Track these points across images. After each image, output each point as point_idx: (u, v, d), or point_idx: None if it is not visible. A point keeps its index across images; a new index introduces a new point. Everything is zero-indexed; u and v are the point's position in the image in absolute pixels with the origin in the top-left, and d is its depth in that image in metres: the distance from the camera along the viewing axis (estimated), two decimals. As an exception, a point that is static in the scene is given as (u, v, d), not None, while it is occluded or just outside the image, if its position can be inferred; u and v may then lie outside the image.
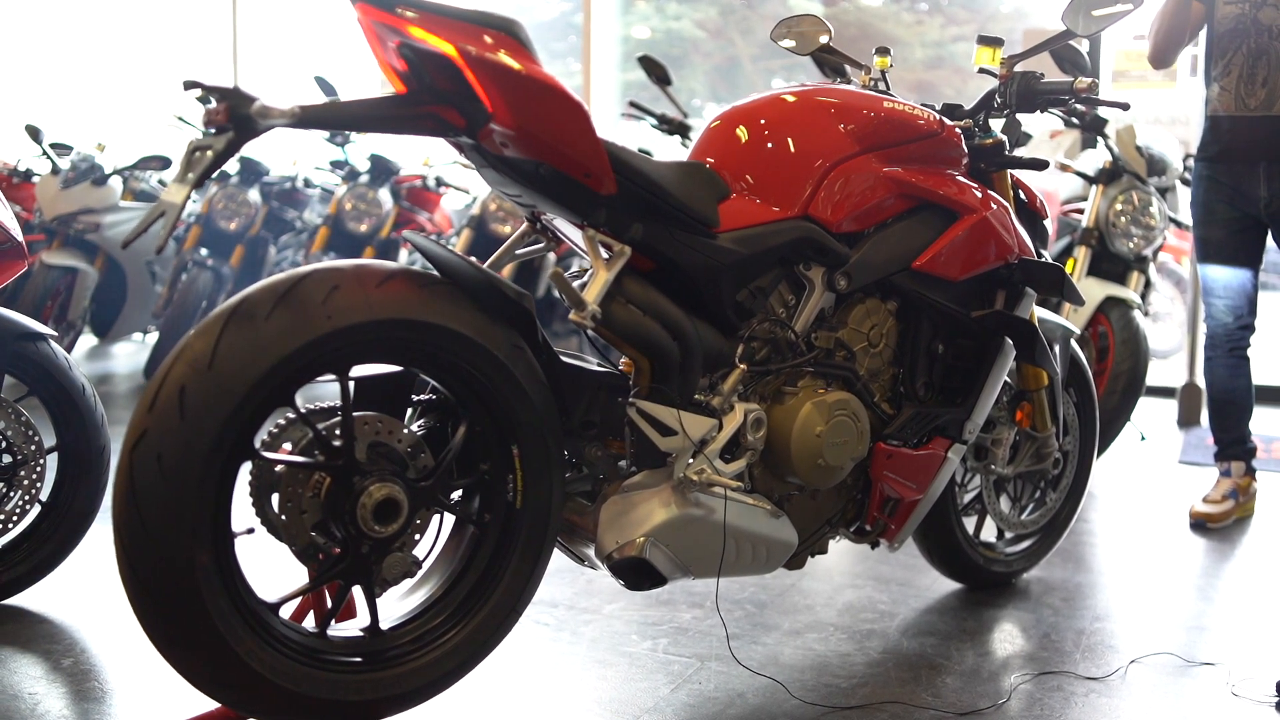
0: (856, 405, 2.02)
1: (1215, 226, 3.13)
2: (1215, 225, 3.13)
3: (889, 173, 2.03)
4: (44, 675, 2.02)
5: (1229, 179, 3.07)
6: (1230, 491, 3.22)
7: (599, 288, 1.74)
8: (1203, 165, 3.15)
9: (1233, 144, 3.05)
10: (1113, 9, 2.14)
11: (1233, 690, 2.05)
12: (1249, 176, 3.03)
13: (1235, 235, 3.12)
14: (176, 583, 1.45)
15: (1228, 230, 3.12)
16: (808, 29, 2.44)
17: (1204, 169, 3.14)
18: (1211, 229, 3.15)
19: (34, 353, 2.30)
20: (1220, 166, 3.09)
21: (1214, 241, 3.15)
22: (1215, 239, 3.14)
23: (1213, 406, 3.31)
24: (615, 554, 1.80)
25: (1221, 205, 3.11)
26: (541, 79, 1.59)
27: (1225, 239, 3.13)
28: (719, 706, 1.94)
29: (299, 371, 1.52)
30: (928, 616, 2.41)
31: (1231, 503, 3.21)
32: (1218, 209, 3.12)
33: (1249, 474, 3.28)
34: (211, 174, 1.47)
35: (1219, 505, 3.18)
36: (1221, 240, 3.13)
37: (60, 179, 5.20)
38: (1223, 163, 3.09)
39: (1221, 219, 3.12)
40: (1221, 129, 3.08)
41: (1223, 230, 3.12)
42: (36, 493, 2.33)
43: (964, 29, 7.64)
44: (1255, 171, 3.02)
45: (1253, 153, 3.02)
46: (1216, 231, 3.14)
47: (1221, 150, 3.08)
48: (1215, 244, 3.15)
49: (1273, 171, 3.00)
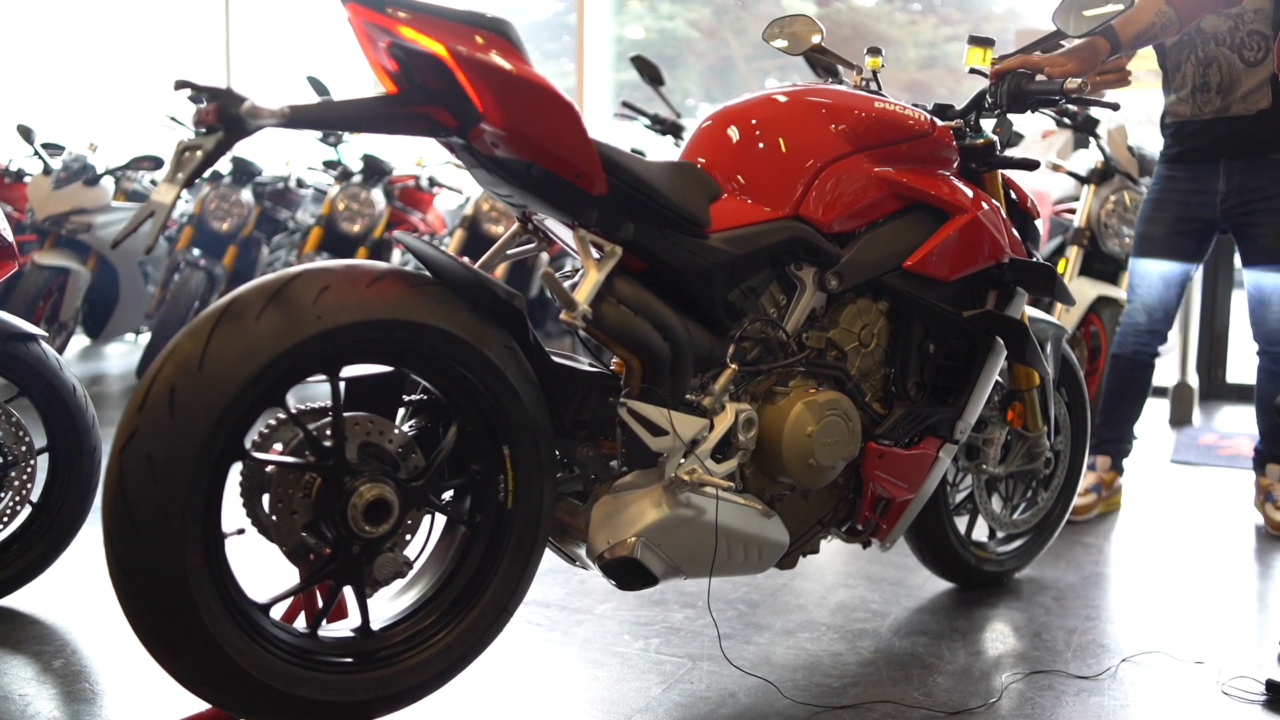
0: (848, 405, 2.02)
1: (1158, 224, 3.16)
2: (1159, 223, 3.16)
3: (880, 173, 2.03)
4: (35, 677, 2.01)
5: (1188, 178, 3.10)
6: (1093, 486, 3.28)
7: (589, 288, 1.74)
8: (1163, 167, 3.18)
9: (1193, 145, 3.08)
10: (1103, 9, 2.15)
11: (1223, 689, 2.06)
12: (1209, 174, 3.07)
13: (1175, 235, 3.14)
14: (167, 583, 1.44)
15: (1169, 230, 3.14)
16: (800, 29, 2.44)
17: (1164, 170, 3.18)
18: (1154, 226, 3.18)
19: (24, 353, 2.29)
20: (1180, 167, 3.12)
21: (1152, 238, 3.18)
22: (1154, 235, 3.17)
23: (1106, 399, 3.37)
24: (607, 554, 1.80)
25: (1174, 204, 3.13)
26: (532, 79, 1.59)
27: (1164, 237, 3.16)
28: (711, 706, 1.94)
29: (289, 372, 1.52)
30: (920, 616, 2.41)
31: (1094, 496, 3.27)
32: (1168, 208, 3.15)
33: (1115, 470, 3.34)
34: (201, 174, 1.47)
35: (1083, 498, 3.23)
36: (1160, 238, 3.16)
37: (52, 179, 5.19)
38: (1183, 163, 3.11)
39: (1168, 217, 3.14)
40: (1182, 134, 3.11)
41: (1164, 229, 3.15)
42: (27, 494, 2.32)
43: (957, 29, 7.65)
44: (1215, 169, 3.05)
45: (1213, 152, 3.05)
46: (1158, 229, 3.17)
47: (1183, 151, 3.11)
48: (1153, 241, 3.18)
49: (1232, 167, 3.03)
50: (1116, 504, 3.37)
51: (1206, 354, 5.26)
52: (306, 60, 7.18)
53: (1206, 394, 5.27)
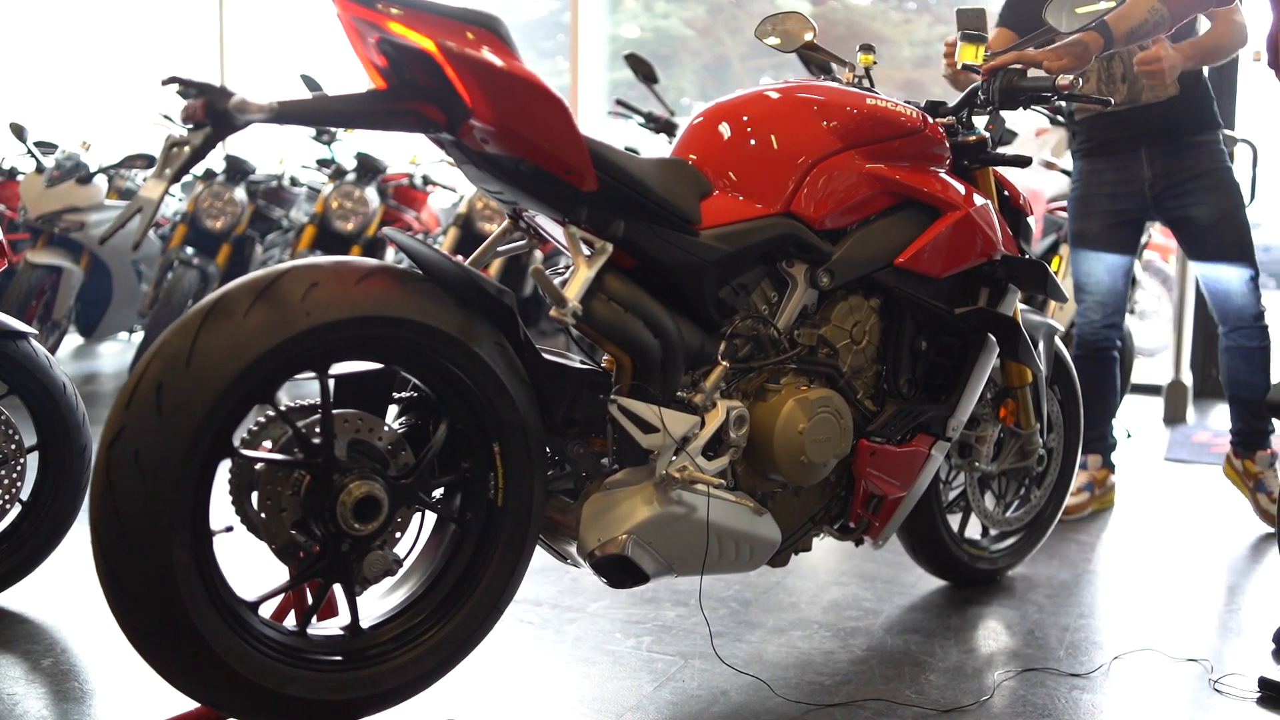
0: (839, 402, 2.02)
1: (1091, 219, 3.17)
2: (1092, 218, 3.17)
3: (872, 169, 2.03)
4: (23, 676, 2.01)
5: (1113, 169, 3.11)
6: (1086, 484, 3.28)
7: (580, 284, 1.73)
8: (1083, 162, 3.18)
9: (1112, 136, 3.08)
10: (1095, 7, 2.14)
11: (1215, 686, 2.06)
12: (1131, 163, 3.07)
13: (1111, 229, 3.15)
14: (155, 582, 1.44)
15: (1103, 224, 3.15)
16: (792, 26, 2.44)
17: (1085, 165, 3.18)
18: (1088, 222, 3.18)
19: (14, 351, 2.28)
20: (1103, 159, 3.12)
21: (1089, 234, 3.18)
22: (1090, 232, 3.18)
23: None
24: (597, 552, 1.79)
25: (1102, 199, 3.14)
26: (522, 75, 1.58)
27: (1100, 232, 3.16)
28: (702, 704, 1.93)
29: (277, 369, 1.51)
30: (912, 613, 2.41)
31: (1087, 495, 3.27)
32: (1097, 202, 3.15)
33: (1106, 467, 3.35)
34: (189, 169, 1.46)
35: (1075, 497, 3.23)
36: (1096, 234, 3.17)
37: (45, 177, 5.18)
38: (1104, 155, 3.12)
39: (1099, 211, 3.15)
40: (1096, 126, 3.11)
41: (1098, 223, 3.16)
42: (17, 492, 2.31)
43: (952, 28, 7.65)
44: (1137, 156, 3.06)
45: (1132, 141, 3.06)
46: (1092, 225, 3.17)
47: (1102, 143, 3.11)
48: (1090, 237, 3.18)
49: (1153, 153, 3.04)
50: (1110, 502, 3.37)
51: (1200, 352, 5.26)
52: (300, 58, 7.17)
53: (1200, 392, 5.27)
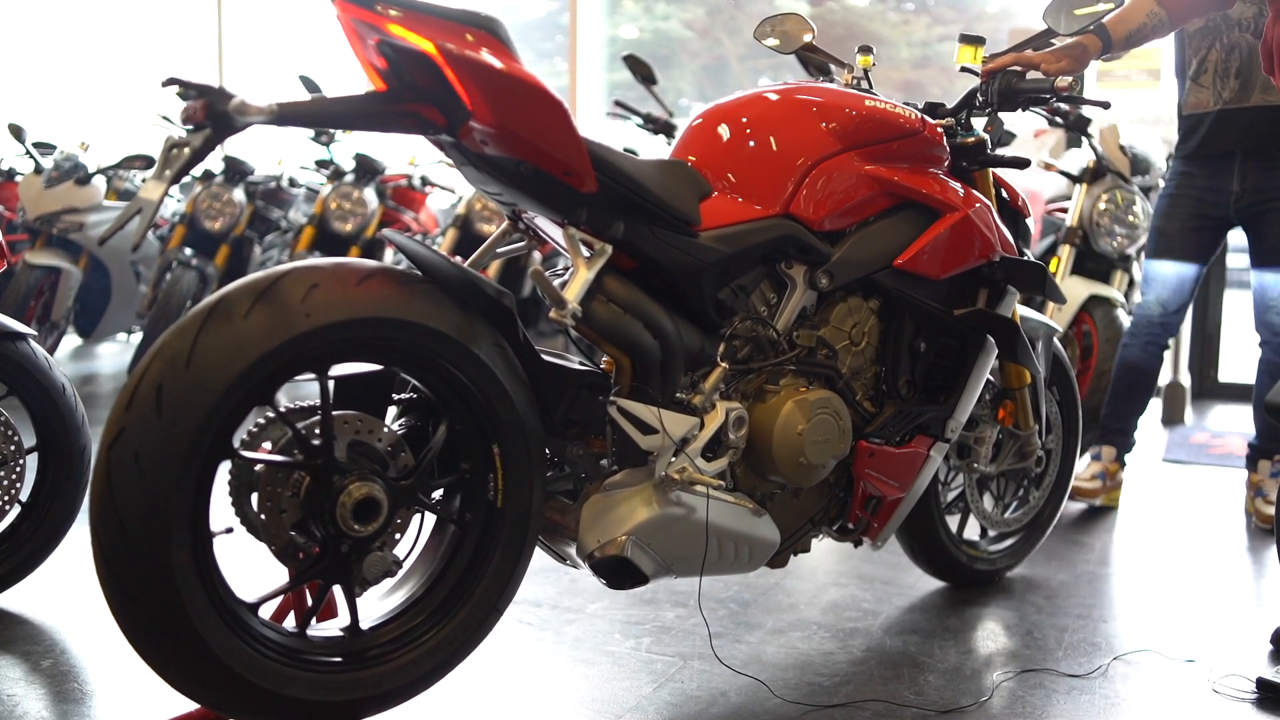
0: (838, 403, 2.02)
1: (1174, 220, 3.19)
2: (1174, 219, 3.19)
3: (871, 171, 2.03)
4: (23, 677, 2.01)
5: (1204, 175, 3.12)
6: (1099, 473, 3.31)
7: (579, 286, 1.74)
8: (1179, 163, 3.20)
9: (1209, 138, 3.09)
10: (1094, 8, 2.15)
11: (1214, 687, 2.06)
12: (1224, 172, 3.08)
13: (1190, 233, 3.17)
14: (155, 583, 1.44)
15: (1184, 227, 3.17)
16: (791, 28, 2.44)
17: (1180, 166, 3.20)
18: (1169, 222, 3.20)
19: (13, 352, 2.28)
20: (1197, 163, 3.14)
21: (1168, 235, 3.20)
22: (1170, 232, 3.19)
23: (1114, 389, 3.39)
24: (597, 553, 1.79)
25: (1188, 202, 3.15)
26: (521, 77, 1.59)
27: (1178, 234, 3.18)
28: (701, 705, 1.94)
29: (277, 370, 1.52)
30: (911, 614, 2.41)
31: (1100, 483, 3.30)
32: (1183, 205, 3.17)
33: (1118, 461, 3.36)
34: (188, 171, 1.46)
35: (1089, 483, 3.27)
36: (1175, 234, 3.19)
37: (44, 178, 5.18)
38: (1199, 159, 3.13)
39: (1182, 214, 3.17)
40: (1198, 125, 3.11)
41: (1179, 225, 3.17)
42: (16, 493, 2.31)
43: (950, 29, 7.65)
44: (1230, 166, 3.07)
45: (1229, 146, 3.06)
46: (1173, 225, 3.19)
47: (1199, 145, 3.12)
48: (1168, 238, 3.20)
49: (1247, 166, 3.04)
50: (1115, 499, 3.38)
51: (1199, 353, 5.27)
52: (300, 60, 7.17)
53: (1199, 393, 5.27)
